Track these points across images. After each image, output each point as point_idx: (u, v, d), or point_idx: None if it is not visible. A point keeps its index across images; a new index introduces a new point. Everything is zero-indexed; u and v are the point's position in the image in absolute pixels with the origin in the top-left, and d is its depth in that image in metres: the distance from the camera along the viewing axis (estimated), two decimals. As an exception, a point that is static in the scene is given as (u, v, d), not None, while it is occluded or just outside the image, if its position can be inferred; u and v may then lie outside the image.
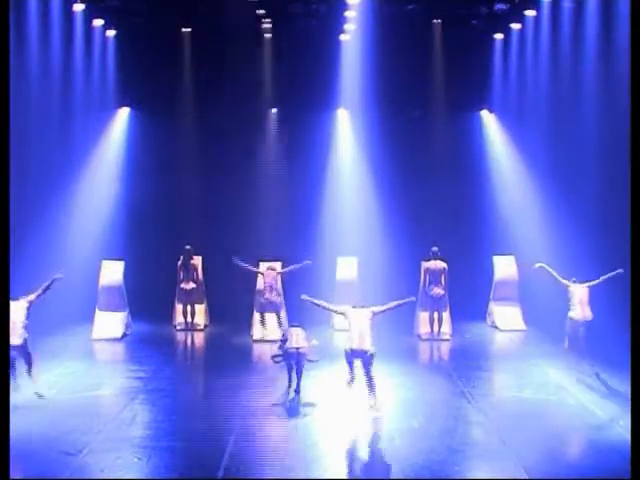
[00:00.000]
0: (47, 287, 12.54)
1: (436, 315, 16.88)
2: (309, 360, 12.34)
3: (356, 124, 20.21)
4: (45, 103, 17.44)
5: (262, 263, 17.43)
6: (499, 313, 17.96)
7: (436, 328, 16.87)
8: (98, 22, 18.82)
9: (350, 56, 19.23)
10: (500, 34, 19.76)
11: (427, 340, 16.81)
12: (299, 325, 12.55)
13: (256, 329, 16.55)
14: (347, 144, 20.63)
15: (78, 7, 17.88)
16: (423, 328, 17.02)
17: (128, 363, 15.36)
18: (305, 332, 12.38)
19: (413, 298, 12.56)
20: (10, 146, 9.89)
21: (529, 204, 19.39)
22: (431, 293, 16.90)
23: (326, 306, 12.33)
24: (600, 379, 13.06)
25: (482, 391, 12.97)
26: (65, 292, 16.58)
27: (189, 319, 17.75)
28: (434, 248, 17.01)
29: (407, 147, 19.60)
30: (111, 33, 19.36)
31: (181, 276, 17.84)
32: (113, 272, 17.52)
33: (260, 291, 16.82)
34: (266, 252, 18.08)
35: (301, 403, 12.09)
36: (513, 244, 18.84)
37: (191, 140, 19.88)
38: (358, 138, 20.28)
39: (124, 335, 17.06)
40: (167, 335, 17.48)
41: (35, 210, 17.25)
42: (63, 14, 17.48)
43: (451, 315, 17.09)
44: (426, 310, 16.98)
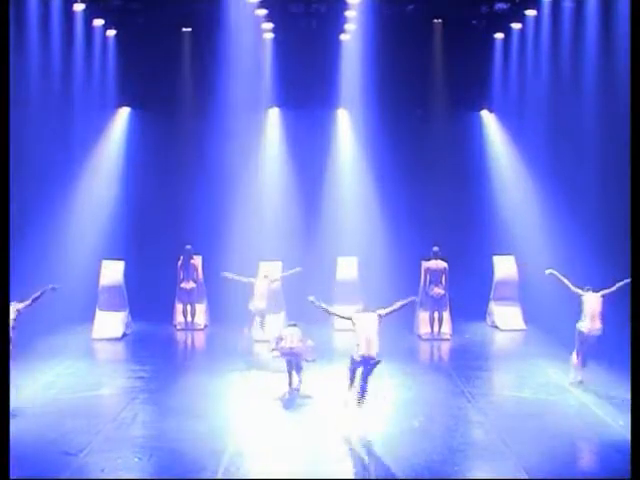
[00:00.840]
0: (36, 298, 12.06)
1: (436, 315, 16.87)
2: (305, 360, 12.40)
3: (356, 124, 20.20)
4: (46, 102, 17.47)
5: (262, 263, 17.42)
6: (499, 313, 17.96)
7: (436, 328, 16.86)
8: (98, 22, 18.86)
9: (350, 56, 19.23)
10: (500, 34, 19.76)
11: (427, 340, 16.81)
12: (295, 325, 12.61)
13: (255, 330, 16.42)
14: (347, 143, 20.64)
15: (78, 7, 17.93)
16: (423, 328, 17.01)
17: (128, 363, 15.38)
18: (301, 332, 12.42)
19: (415, 298, 12.28)
20: (10, 147, 9.80)
21: (529, 204, 19.40)
22: (431, 293, 16.90)
23: (332, 311, 12.06)
24: (600, 380, 13.02)
25: (482, 391, 12.97)
26: (65, 292, 16.63)
27: (189, 319, 17.76)
28: (435, 248, 17.01)
29: (407, 147, 19.63)
30: (111, 33, 19.40)
31: (181, 276, 17.85)
32: (113, 272, 17.52)
33: (252, 298, 16.42)
34: (266, 252, 18.08)
35: (301, 402, 12.09)
36: (513, 244, 18.84)
37: (191, 139, 19.88)
38: (358, 137, 20.28)
39: (124, 335, 17.06)
40: (167, 335, 17.49)
41: (36, 209, 17.26)
42: (63, 14, 17.50)
43: (451, 315, 17.09)
44: (426, 310, 16.98)
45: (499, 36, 19.83)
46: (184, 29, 19.62)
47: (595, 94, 16.41)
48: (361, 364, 11.02)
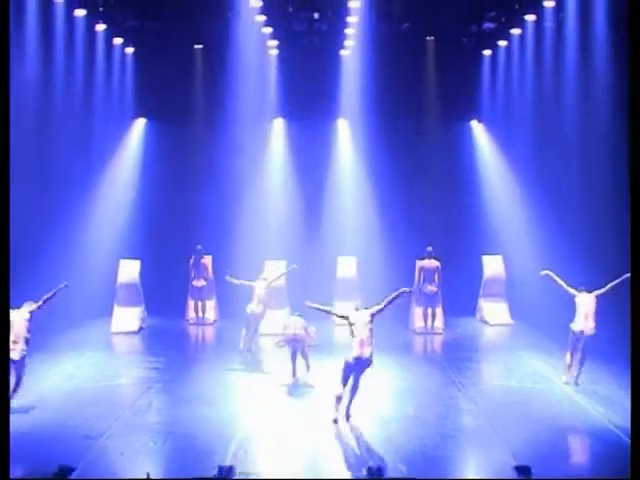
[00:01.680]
0: (48, 298, 11.48)
1: (430, 311, 16.90)
2: (308, 345, 12.63)
3: (355, 133, 20.26)
4: (69, 115, 17.57)
5: (268, 262, 17.44)
6: (488, 308, 17.99)
7: (430, 323, 16.90)
8: (118, 40, 18.98)
9: (350, 70, 19.28)
10: (488, 50, 19.84)
11: (421, 334, 16.84)
12: (300, 315, 12.77)
13: (242, 339, 15.87)
14: (347, 151, 20.68)
15: (100, 27, 18.10)
16: (418, 323, 17.05)
17: (144, 355, 15.43)
18: (304, 321, 12.63)
19: (406, 289, 11.53)
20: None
21: (516, 208, 19.41)
22: (425, 290, 16.93)
23: (329, 310, 11.90)
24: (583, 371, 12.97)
25: (472, 381, 13.00)
26: (86, 289, 16.72)
27: (200, 314, 17.80)
28: (428, 248, 17.07)
29: (403, 155, 19.67)
30: (129, 50, 19.53)
31: (193, 274, 17.89)
32: (130, 270, 17.57)
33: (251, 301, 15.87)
34: (271, 252, 18.11)
35: (304, 391, 12.16)
36: (501, 245, 18.87)
37: (202, 147, 19.91)
38: (357, 146, 20.32)
39: (140, 329, 17.11)
40: (180, 329, 17.53)
41: (59, 214, 17.30)
42: (86, 33, 17.62)
43: (444, 311, 17.11)
44: (420, 306, 17.02)
45: (487, 53, 19.91)
46: (196, 46, 19.69)
47: (576, 105, 16.49)
48: (354, 367, 10.60)
